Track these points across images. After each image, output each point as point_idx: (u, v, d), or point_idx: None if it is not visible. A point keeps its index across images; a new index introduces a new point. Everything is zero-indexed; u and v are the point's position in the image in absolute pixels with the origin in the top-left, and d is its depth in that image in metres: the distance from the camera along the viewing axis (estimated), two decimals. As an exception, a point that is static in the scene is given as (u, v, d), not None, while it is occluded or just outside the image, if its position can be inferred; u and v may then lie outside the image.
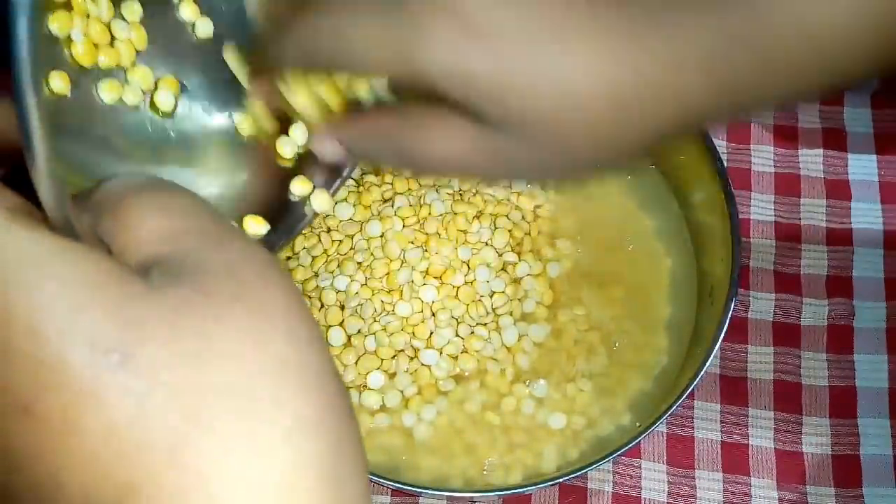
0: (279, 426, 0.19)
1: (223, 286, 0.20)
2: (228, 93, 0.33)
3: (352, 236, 0.49)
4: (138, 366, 0.18)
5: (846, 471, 0.48)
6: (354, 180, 0.51)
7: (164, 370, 0.18)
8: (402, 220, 0.49)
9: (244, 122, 0.33)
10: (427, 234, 0.48)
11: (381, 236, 0.48)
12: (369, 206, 0.49)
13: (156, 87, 0.32)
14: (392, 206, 0.49)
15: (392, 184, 0.50)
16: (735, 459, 0.48)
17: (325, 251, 0.49)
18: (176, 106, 0.32)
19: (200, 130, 0.33)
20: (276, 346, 0.19)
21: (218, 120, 0.33)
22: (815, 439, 0.49)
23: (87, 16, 0.30)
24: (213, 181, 0.32)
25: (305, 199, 0.32)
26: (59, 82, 0.29)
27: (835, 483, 0.48)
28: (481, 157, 0.28)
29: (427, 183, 0.50)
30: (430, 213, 0.49)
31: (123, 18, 0.31)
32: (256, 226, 0.31)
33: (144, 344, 0.18)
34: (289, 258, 0.50)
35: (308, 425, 0.19)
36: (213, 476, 0.18)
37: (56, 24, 0.29)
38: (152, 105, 0.32)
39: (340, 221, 0.49)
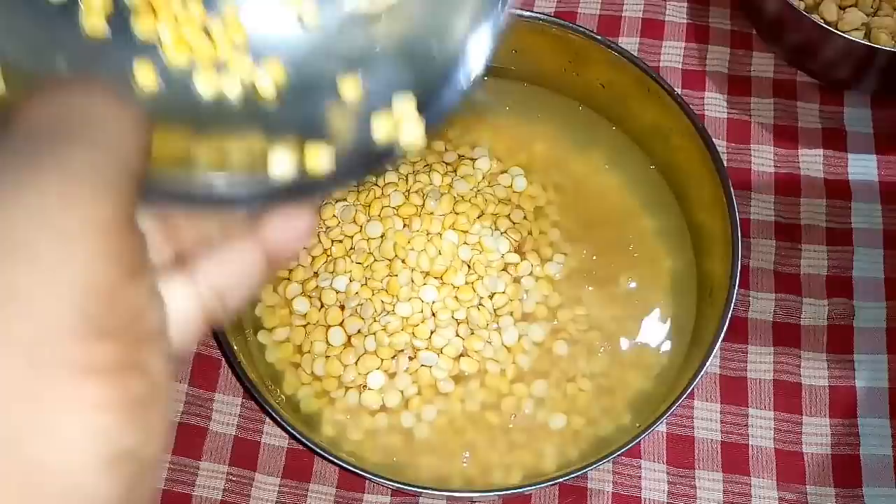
0: None
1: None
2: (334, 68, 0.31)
3: (352, 237, 0.49)
4: None
5: (846, 471, 0.48)
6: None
7: None
8: (403, 219, 0.49)
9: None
10: (428, 233, 0.49)
11: (382, 236, 0.48)
12: (369, 206, 0.49)
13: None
14: (392, 206, 0.49)
15: (394, 183, 0.50)
16: (735, 459, 0.48)
17: (326, 251, 0.49)
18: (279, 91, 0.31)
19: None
20: None
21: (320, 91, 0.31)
22: (815, 439, 0.49)
23: (176, 18, 0.29)
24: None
25: (391, 138, 0.30)
26: (145, 74, 0.28)
27: (835, 483, 0.48)
28: None
29: (428, 181, 0.50)
30: (431, 213, 0.49)
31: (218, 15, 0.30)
32: (318, 158, 0.29)
33: None
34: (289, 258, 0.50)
35: None
36: None
37: (140, 26, 0.29)
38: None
39: (340, 221, 0.49)
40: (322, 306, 0.48)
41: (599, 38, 0.49)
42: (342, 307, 0.47)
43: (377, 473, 0.42)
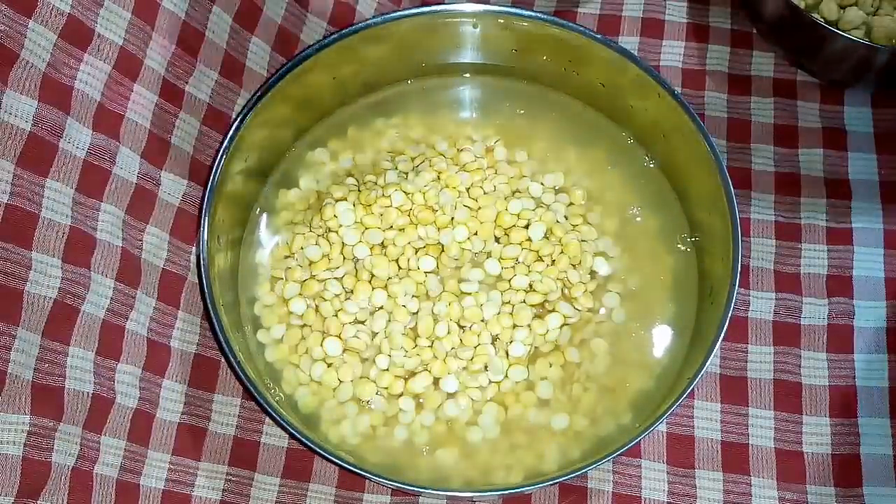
0: None
1: None
2: None
3: (353, 246, 0.48)
4: None
5: (846, 471, 0.48)
6: (356, 179, 0.51)
7: None
8: (404, 220, 0.49)
9: None
10: (428, 239, 0.48)
11: (381, 244, 0.48)
12: (370, 206, 0.49)
13: None
14: (394, 206, 0.49)
15: (395, 184, 0.50)
16: (735, 459, 0.48)
17: (326, 255, 0.48)
18: None
19: None
20: None
21: None
22: (815, 439, 0.49)
23: None
24: None
25: None
26: None
27: (835, 483, 0.48)
28: None
29: (428, 180, 0.50)
30: (433, 212, 0.49)
31: None
32: None
33: None
34: (287, 257, 0.50)
35: None
36: None
37: None
38: None
39: (341, 225, 0.49)
40: (317, 309, 0.48)
41: (599, 37, 0.49)
42: (341, 312, 0.47)
43: (377, 473, 0.42)
